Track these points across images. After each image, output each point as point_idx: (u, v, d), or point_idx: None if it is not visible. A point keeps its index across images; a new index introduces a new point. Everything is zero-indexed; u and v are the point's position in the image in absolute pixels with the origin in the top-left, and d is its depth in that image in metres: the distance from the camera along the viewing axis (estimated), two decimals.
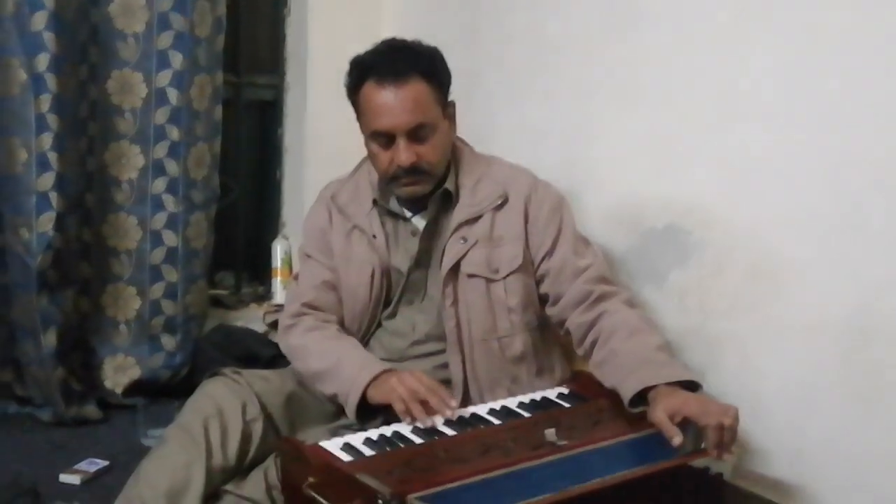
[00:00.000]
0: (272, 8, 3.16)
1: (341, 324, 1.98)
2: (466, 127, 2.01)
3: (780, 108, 1.82)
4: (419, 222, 1.93)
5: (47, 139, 2.45)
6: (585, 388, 1.84)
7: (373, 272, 1.92)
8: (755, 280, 1.89)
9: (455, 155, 1.95)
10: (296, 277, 2.09)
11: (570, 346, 1.93)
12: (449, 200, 1.92)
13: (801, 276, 1.81)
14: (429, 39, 1.91)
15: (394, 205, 1.95)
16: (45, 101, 2.43)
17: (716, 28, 1.94)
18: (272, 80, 3.21)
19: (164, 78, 2.65)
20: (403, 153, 1.80)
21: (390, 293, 1.96)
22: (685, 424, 1.51)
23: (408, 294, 1.95)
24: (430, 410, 1.66)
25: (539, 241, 1.90)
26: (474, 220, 1.89)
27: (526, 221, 1.91)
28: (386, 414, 1.72)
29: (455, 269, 1.87)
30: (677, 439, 1.49)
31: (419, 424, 1.65)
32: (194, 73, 2.68)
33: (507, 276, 1.88)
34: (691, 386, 1.63)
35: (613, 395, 1.70)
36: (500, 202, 1.90)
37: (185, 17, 2.63)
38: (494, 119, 2.57)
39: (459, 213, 1.89)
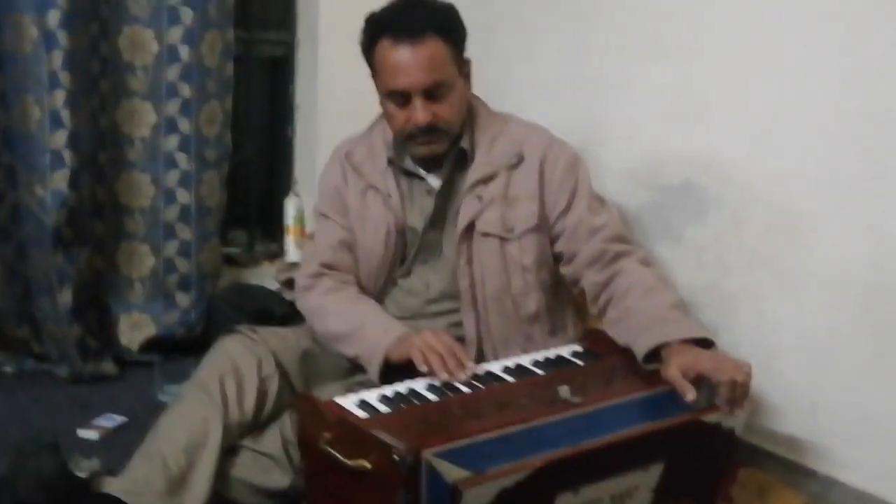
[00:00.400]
0: None
1: (358, 283, 1.99)
2: (482, 83, 1.98)
3: (800, 62, 1.80)
4: (434, 181, 1.92)
5: (60, 96, 2.44)
6: (599, 346, 1.83)
7: (388, 231, 1.92)
8: (773, 235, 1.88)
9: (470, 113, 1.93)
10: (311, 236, 2.08)
11: (584, 307, 1.93)
12: (464, 159, 1.90)
13: (818, 231, 1.80)
14: None
15: (409, 164, 1.93)
16: (58, 58, 2.42)
17: None
18: (283, 37, 3.17)
19: (174, 34, 2.64)
20: (420, 112, 1.78)
21: (405, 252, 1.96)
22: (699, 381, 1.51)
23: (422, 253, 1.95)
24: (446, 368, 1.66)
25: (554, 199, 1.89)
26: (489, 178, 1.87)
27: (541, 180, 1.89)
28: (409, 376, 1.71)
29: (470, 227, 1.86)
30: (690, 395, 1.49)
31: (435, 381, 1.65)
32: (205, 29, 2.66)
33: (522, 235, 1.87)
34: (705, 343, 1.63)
35: (627, 353, 1.70)
36: (515, 161, 1.89)
37: None
38: (510, 75, 2.54)
39: (474, 172, 1.88)
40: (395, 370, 1.74)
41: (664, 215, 2.11)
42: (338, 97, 3.02)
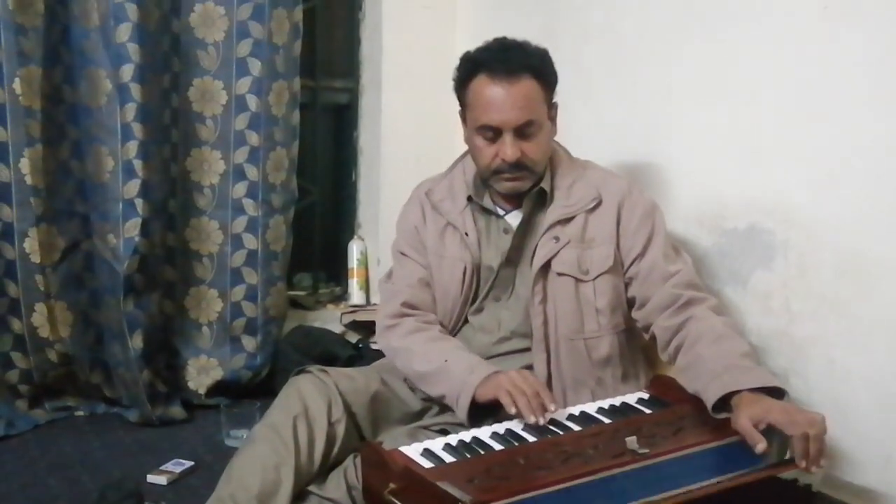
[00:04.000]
0: (347, 13, 3.20)
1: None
2: None
3: (865, 104, 1.77)
4: (512, 220, 1.95)
5: (133, 147, 2.52)
6: (666, 393, 1.81)
7: (465, 270, 1.95)
8: (841, 280, 1.85)
9: (552, 157, 1.96)
10: (389, 275, 2.11)
11: (654, 354, 1.91)
12: (543, 200, 1.93)
13: (888, 276, 1.76)
14: None
15: (487, 202, 1.96)
16: (131, 111, 2.50)
17: (800, 22, 1.89)
18: (348, 84, 3.24)
19: (243, 85, 2.71)
20: (509, 148, 1.82)
21: (478, 290, 1.98)
22: (770, 432, 1.48)
23: (495, 290, 1.96)
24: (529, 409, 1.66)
25: (630, 244, 1.90)
26: (567, 220, 1.89)
27: (618, 224, 1.91)
28: (496, 415, 1.72)
29: (545, 267, 1.88)
30: (761, 446, 1.45)
31: (517, 426, 1.66)
32: (272, 80, 2.73)
33: (597, 277, 1.88)
34: (777, 392, 1.59)
35: (695, 401, 1.67)
36: (594, 204, 1.91)
37: (262, 25, 2.68)
38: (572, 118, 2.53)
39: (553, 213, 1.90)
40: (481, 409, 1.74)
41: (730, 259, 2.08)
42: (400, 143, 3.06)
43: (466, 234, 1.95)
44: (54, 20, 2.48)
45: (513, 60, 1.82)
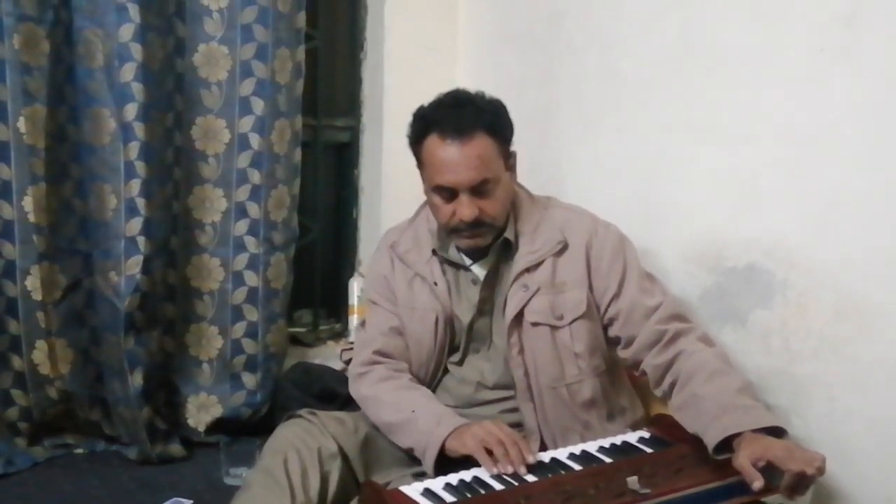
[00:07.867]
0: (349, 53, 3.23)
1: (410, 370, 1.98)
2: (541, 164, 2.01)
3: (864, 144, 1.79)
4: (479, 271, 1.93)
5: (135, 185, 2.54)
6: (667, 432, 1.80)
7: (436, 319, 1.93)
8: (841, 321, 1.85)
9: (514, 201, 1.93)
10: (363, 324, 2.10)
11: (643, 387, 1.91)
12: (509, 248, 1.91)
13: (888, 316, 1.76)
14: (504, 79, 1.92)
15: (453, 254, 1.94)
16: (134, 149, 2.52)
17: (796, 64, 1.92)
18: (349, 122, 3.27)
19: (246, 124, 2.73)
20: (466, 208, 1.80)
21: (455, 340, 1.96)
22: (770, 470, 1.47)
23: (474, 342, 1.95)
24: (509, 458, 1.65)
25: (604, 284, 1.88)
26: (535, 266, 1.88)
27: (588, 266, 1.89)
28: (465, 468, 1.69)
29: (518, 317, 1.86)
30: (757, 484, 1.45)
31: (496, 470, 1.63)
32: (275, 118, 2.75)
33: (572, 322, 1.87)
34: (777, 431, 1.59)
35: (696, 441, 1.67)
36: (559, 248, 1.89)
37: (265, 64, 2.70)
38: (569, 156, 2.57)
39: (520, 261, 1.88)
40: (450, 462, 1.71)
41: (729, 299, 2.09)
42: (401, 181, 3.06)
43: (435, 283, 1.93)
44: (59, 60, 2.50)
45: (464, 118, 1.78)
